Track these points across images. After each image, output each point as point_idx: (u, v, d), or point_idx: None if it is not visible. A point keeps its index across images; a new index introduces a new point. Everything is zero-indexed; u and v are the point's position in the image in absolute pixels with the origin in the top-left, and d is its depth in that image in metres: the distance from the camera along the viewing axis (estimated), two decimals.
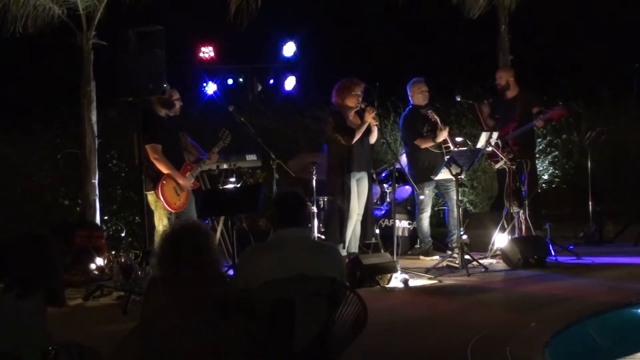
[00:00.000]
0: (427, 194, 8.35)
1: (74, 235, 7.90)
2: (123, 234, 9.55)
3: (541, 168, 11.13)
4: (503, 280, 7.15)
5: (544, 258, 7.65)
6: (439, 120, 8.29)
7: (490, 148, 8.05)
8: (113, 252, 8.08)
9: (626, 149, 11.84)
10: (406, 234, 8.88)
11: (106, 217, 9.36)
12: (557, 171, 11.62)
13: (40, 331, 3.67)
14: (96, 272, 7.57)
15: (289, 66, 13.75)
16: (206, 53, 13.98)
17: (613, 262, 7.76)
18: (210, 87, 12.94)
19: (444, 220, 8.89)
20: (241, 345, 3.29)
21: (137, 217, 9.30)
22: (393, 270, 6.98)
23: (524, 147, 8.52)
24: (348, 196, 7.58)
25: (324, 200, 8.26)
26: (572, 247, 8.37)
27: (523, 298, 6.33)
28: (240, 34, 9.54)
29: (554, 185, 11.57)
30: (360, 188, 7.73)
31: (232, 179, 8.00)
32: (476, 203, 11.15)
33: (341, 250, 7.37)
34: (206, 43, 13.96)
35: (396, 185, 7.88)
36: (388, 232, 8.37)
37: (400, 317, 5.86)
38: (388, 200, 8.79)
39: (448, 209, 8.60)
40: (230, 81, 14.06)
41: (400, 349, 5.01)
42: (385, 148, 10.45)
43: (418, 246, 8.69)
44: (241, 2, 9.21)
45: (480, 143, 8.08)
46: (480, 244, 8.24)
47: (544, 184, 11.19)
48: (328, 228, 7.91)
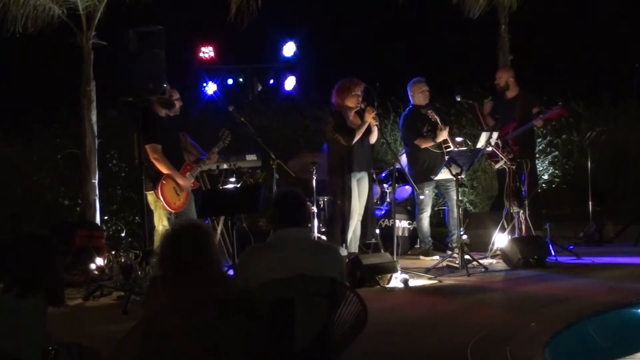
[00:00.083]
0: (427, 194, 8.35)
1: (74, 235, 7.91)
2: (123, 234, 9.56)
3: (541, 168, 11.12)
4: (503, 280, 7.15)
5: (544, 258, 7.65)
6: (439, 120, 8.29)
7: (490, 148, 8.05)
8: (113, 252, 8.08)
9: (626, 149, 11.83)
10: (406, 234, 8.88)
11: (106, 217, 9.36)
12: (557, 171, 11.61)
13: (40, 331, 3.67)
14: (96, 272, 7.57)
15: (289, 66, 13.73)
16: (206, 53, 13.97)
17: (613, 262, 7.77)
18: (210, 87, 12.94)
19: (444, 220, 8.89)
20: (241, 345, 3.29)
21: (137, 217, 9.31)
22: (393, 270, 6.98)
23: (524, 147, 8.52)
24: (349, 196, 7.58)
25: (324, 200, 8.26)
26: (572, 247, 8.38)
27: (523, 298, 6.33)
28: (240, 34, 9.54)
29: (554, 185, 11.56)
30: (360, 188, 7.72)
31: (232, 179, 7.99)
32: (476, 203, 11.15)
33: (342, 250, 7.37)
34: (206, 43, 13.95)
35: (396, 185, 7.88)
36: (388, 232, 8.36)
37: (400, 317, 5.85)
38: (388, 200, 8.79)
39: (448, 209, 8.60)
40: (230, 81, 14.04)
41: (400, 349, 5.01)
42: (385, 148, 10.46)
43: (418, 246, 8.68)
44: (241, 2, 9.21)
45: (480, 143, 8.08)
46: (480, 244, 8.24)
47: (544, 184, 11.19)
48: (330, 229, 7.90)
